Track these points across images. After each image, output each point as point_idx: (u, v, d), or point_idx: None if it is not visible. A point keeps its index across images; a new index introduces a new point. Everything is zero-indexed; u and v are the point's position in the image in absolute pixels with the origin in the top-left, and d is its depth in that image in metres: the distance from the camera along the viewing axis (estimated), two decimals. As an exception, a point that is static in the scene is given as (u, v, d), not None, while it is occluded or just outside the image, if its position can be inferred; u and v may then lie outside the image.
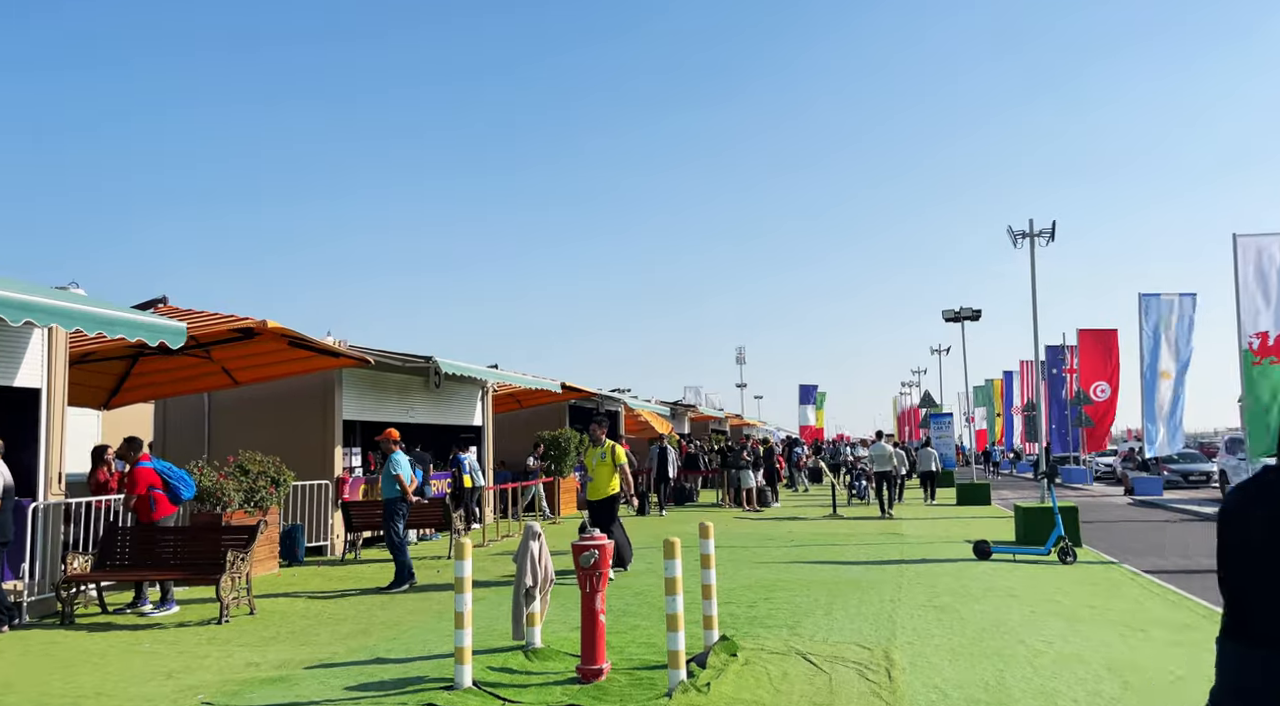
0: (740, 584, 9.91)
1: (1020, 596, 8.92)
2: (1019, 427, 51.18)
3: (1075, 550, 11.53)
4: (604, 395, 25.50)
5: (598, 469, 10.35)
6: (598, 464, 10.37)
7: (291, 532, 12.33)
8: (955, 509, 21.57)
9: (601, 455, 10.37)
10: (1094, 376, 34.01)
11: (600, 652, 5.93)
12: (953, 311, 24.42)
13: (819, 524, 17.71)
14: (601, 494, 10.35)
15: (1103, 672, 6.01)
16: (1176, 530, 16.86)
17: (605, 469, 10.33)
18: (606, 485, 10.35)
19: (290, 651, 7.04)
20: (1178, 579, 10.59)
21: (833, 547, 13.41)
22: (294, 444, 13.62)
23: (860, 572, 10.66)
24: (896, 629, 7.38)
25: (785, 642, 6.85)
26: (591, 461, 10.45)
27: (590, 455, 10.53)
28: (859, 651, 6.58)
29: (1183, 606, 8.50)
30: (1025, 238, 15.21)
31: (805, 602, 8.64)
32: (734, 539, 14.80)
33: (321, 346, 12.46)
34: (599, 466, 10.35)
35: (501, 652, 6.68)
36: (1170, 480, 29.11)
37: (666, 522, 18.55)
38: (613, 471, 10.34)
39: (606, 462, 10.33)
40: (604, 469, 10.33)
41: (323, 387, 13.89)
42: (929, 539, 14.57)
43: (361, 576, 11.15)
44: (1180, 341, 26.51)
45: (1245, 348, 19.62)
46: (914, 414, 62.92)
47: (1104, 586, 9.66)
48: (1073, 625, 7.54)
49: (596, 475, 10.37)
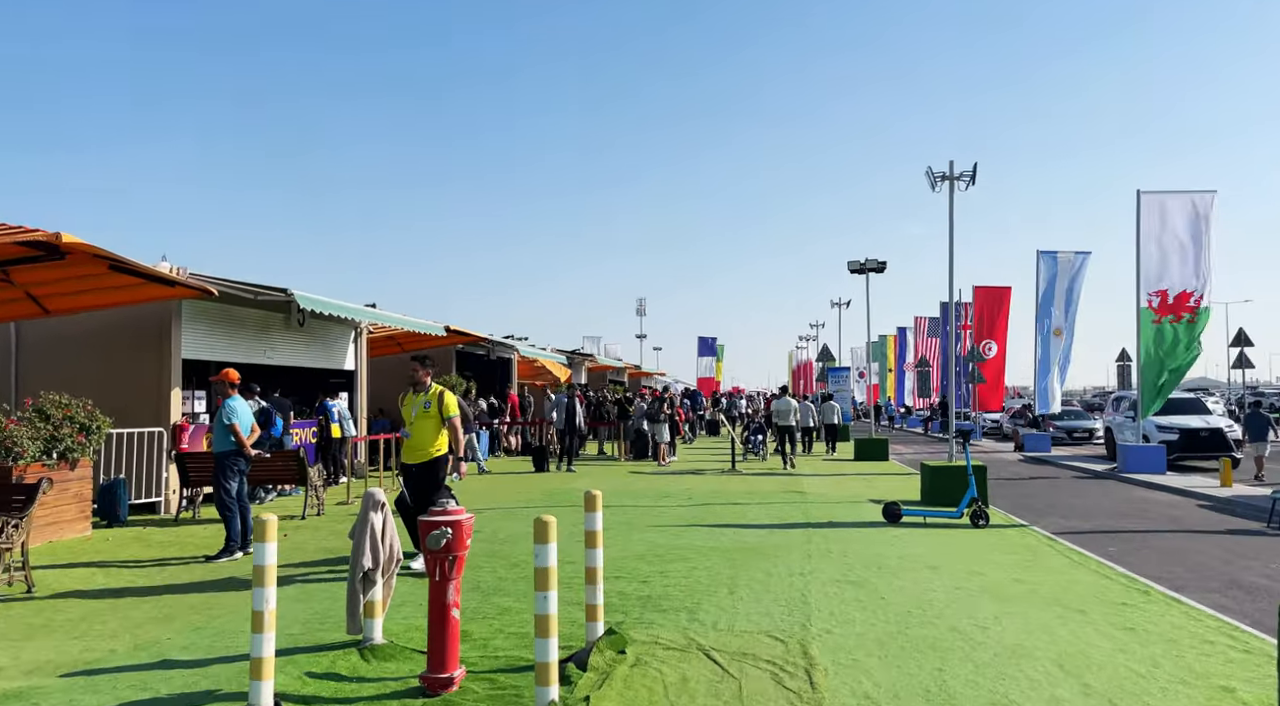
0: (633, 552, 8.76)
1: (940, 568, 8.06)
2: (911, 384, 52.10)
3: (987, 513, 10.86)
4: (495, 341, 23.96)
5: (418, 422, 7.67)
6: (419, 415, 7.68)
7: (112, 488, 10.52)
8: (854, 464, 21.11)
9: (425, 404, 7.68)
10: (986, 333, 34.38)
11: (451, 657, 4.63)
12: (858, 262, 23.79)
13: (718, 479, 16.82)
14: (423, 454, 7.70)
15: (1055, 671, 5.09)
16: (1070, 488, 16.69)
17: (429, 423, 7.69)
18: (430, 443, 7.70)
19: (55, 648, 5.48)
20: (1090, 542, 10.03)
21: (733, 507, 12.45)
22: (123, 385, 11.70)
23: (764, 538, 9.68)
24: (811, 613, 6.35)
25: (684, 634, 5.70)
26: (410, 412, 7.75)
27: (409, 403, 7.79)
28: (771, 645, 5.49)
29: (1110, 577, 7.79)
30: (944, 180, 14.39)
31: (706, 577, 7.54)
32: (628, 497, 13.70)
33: (149, 272, 10.53)
34: (420, 418, 7.68)
35: (331, 651, 5.31)
36: (1055, 437, 29.63)
37: (575, 479, 17.32)
38: (439, 426, 7.72)
39: (431, 414, 7.68)
40: (427, 422, 7.69)
41: (158, 322, 11.94)
42: (833, 498, 13.80)
43: (190, 541, 9.51)
44: (1073, 299, 26.71)
45: (1144, 305, 19.57)
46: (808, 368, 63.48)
47: (1023, 554, 8.94)
48: (1004, 605, 6.68)
49: (416, 430, 7.69)
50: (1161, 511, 13.33)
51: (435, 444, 7.70)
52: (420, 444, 7.68)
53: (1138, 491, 16.13)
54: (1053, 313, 26.92)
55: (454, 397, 7.75)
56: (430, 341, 19.47)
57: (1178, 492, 15.70)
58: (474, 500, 13.23)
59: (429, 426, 7.67)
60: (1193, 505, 14.11)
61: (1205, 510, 13.53)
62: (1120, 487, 16.81)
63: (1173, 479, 17.47)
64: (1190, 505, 14.11)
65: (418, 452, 7.69)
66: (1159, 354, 19.17)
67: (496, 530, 10.25)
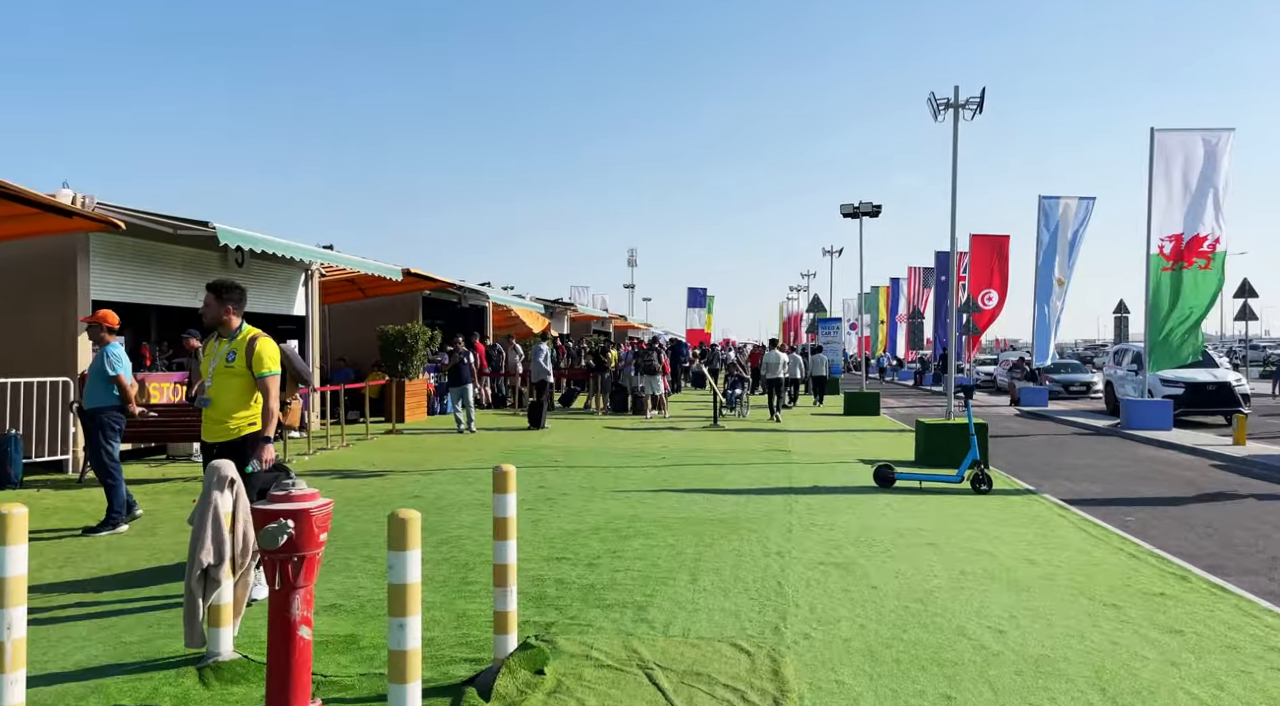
0: (587, 524, 7.61)
1: (941, 546, 6.93)
2: (903, 336, 51.01)
3: (990, 477, 9.75)
4: (466, 287, 22.61)
5: (218, 381, 5.11)
6: (219, 371, 5.11)
7: (3, 445, 9.29)
8: (843, 419, 20.03)
9: (228, 356, 5.09)
10: (983, 283, 33.12)
11: (298, 692, 3.45)
12: (851, 206, 22.43)
13: (697, 435, 15.69)
14: (225, 429, 5.11)
15: (1096, 699, 3.96)
16: (1073, 446, 15.64)
17: (234, 383, 5.09)
18: (235, 411, 5.10)
19: None
20: (1104, 511, 8.94)
21: (710, 467, 11.31)
22: (19, 331, 10.40)
23: (740, 506, 8.54)
24: (788, 609, 5.20)
25: (626, 643, 4.54)
26: (208, 366, 5.19)
27: (208, 354, 5.25)
28: (734, 659, 4.34)
29: (1137, 557, 6.68)
30: (948, 108, 13.01)
31: (665, 559, 6.39)
32: (595, 456, 12.55)
33: (41, 200, 9.17)
34: (221, 376, 5.10)
35: (162, 671, 4.13)
36: (1051, 391, 28.60)
37: (544, 435, 16.18)
38: (250, 388, 5.11)
39: (236, 369, 5.07)
40: (231, 383, 5.09)
41: (60, 259, 10.59)
42: (819, 457, 12.69)
43: (86, 508, 8.29)
44: (1075, 247, 25.45)
45: (1155, 252, 18.30)
46: (799, 319, 62.23)
47: (1033, 527, 7.82)
48: (1020, 597, 5.55)
49: (217, 392, 5.11)
50: (1174, 473, 12.27)
51: (243, 413, 5.12)
52: (221, 413, 5.10)
53: (1144, 450, 15.08)
54: (1055, 261, 25.68)
55: (273, 347, 5.17)
56: (392, 286, 18.12)
57: (1188, 451, 14.65)
58: (412, 459, 12.06)
59: (235, 388, 5.09)
60: (1206, 465, 13.06)
61: (1220, 470, 12.48)
62: (1125, 445, 15.77)
63: (1181, 436, 16.43)
64: (1204, 465, 13.06)
65: (217, 427, 5.12)
66: (1169, 303, 17.96)
67: (441, 495, 9.09)
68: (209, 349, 5.26)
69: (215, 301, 5.14)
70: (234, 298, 5.17)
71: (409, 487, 9.60)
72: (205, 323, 5.25)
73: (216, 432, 5.14)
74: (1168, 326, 17.99)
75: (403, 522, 2.89)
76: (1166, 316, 17.99)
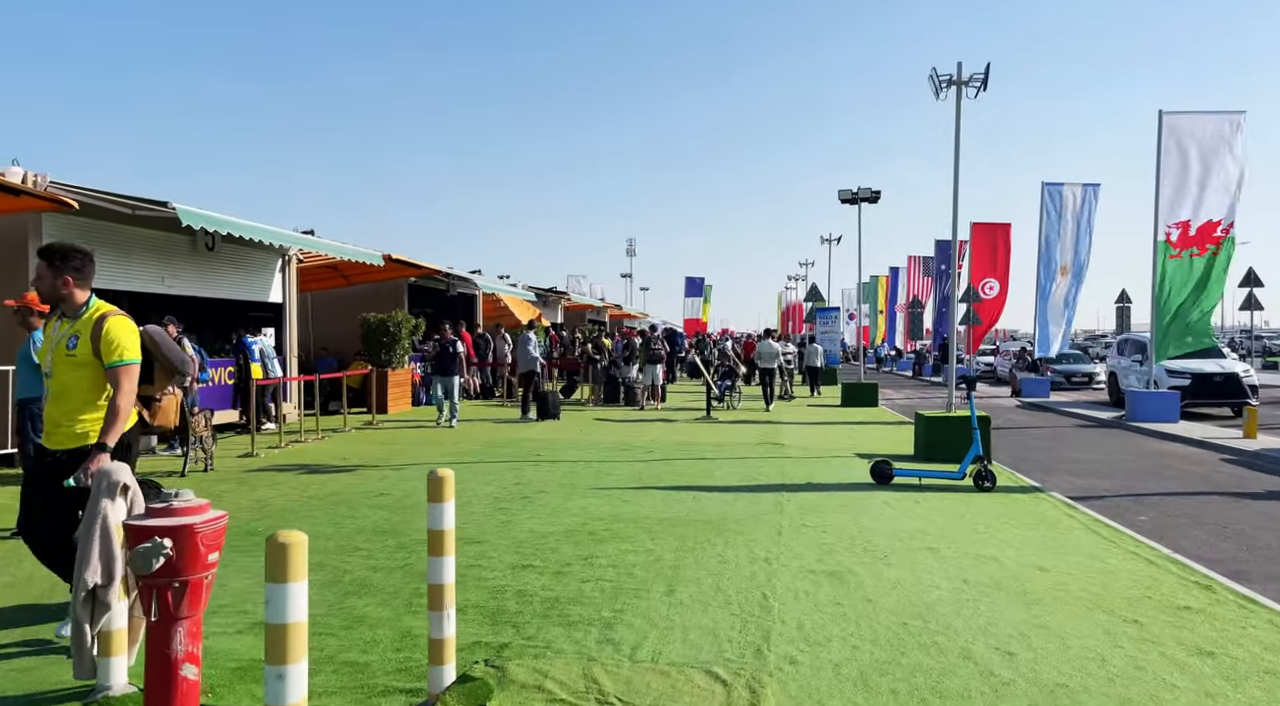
0: (561, 526, 7.06)
1: (942, 551, 6.39)
2: (901, 326, 50.42)
3: (994, 473, 9.21)
4: (453, 274, 22.03)
5: (58, 371, 4.08)
6: (58, 361, 4.08)
7: (-55, 442, 8.74)
8: (840, 410, 19.50)
9: (70, 341, 4.06)
10: (985, 272, 32.52)
11: (182, 741, 2.91)
12: (850, 191, 21.84)
13: (688, 427, 15.15)
14: (71, 435, 4.06)
15: (1124, 741, 3.42)
16: (1077, 438, 15.10)
17: (78, 374, 4.06)
18: (80, 410, 4.07)
19: None
20: (1115, 510, 8.40)
21: (698, 463, 10.77)
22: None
23: (727, 505, 7.99)
24: (773, 627, 4.66)
25: (585, 670, 3.99)
26: (46, 354, 4.18)
27: (47, 337, 4.24)
28: (708, 689, 3.80)
29: (1155, 563, 6.15)
30: (951, 86, 12.41)
31: (641, 567, 5.84)
32: (580, 449, 12.00)
33: (-18, 178, 8.60)
34: (61, 366, 4.07)
35: (57, 705, 3.59)
36: (1053, 382, 28.06)
37: (529, 427, 15.63)
38: (100, 380, 4.06)
39: (79, 357, 4.04)
40: (74, 374, 4.06)
41: (11, 241, 10.02)
42: (814, 451, 12.14)
43: (26, 508, 7.74)
44: (1082, 235, 24.84)
45: (1162, 239, 17.72)
46: (797, 309, 61.58)
47: (1041, 528, 7.29)
48: (1030, 611, 5.01)
49: (56, 386, 4.09)
50: (1184, 467, 11.74)
51: (94, 415, 4.06)
52: (64, 412, 4.06)
53: (1150, 443, 14.55)
54: (1059, 249, 25.07)
55: (127, 327, 4.12)
56: (377, 273, 17.54)
57: (1197, 444, 14.12)
58: (385, 453, 11.51)
59: (81, 381, 4.05)
60: (1216, 460, 12.53)
61: (1232, 465, 11.95)
62: (1131, 438, 15.24)
63: (1188, 428, 15.90)
64: (1214, 460, 12.53)
65: (60, 431, 4.07)
66: (1177, 291, 17.39)
67: (409, 494, 8.54)
68: (48, 332, 4.22)
69: (48, 270, 4.04)
70: (74, 264, 4.08)
71: (376, 485, 9.05)
72: (41, 298, 4.24)
73: (59, 438, 4.05)
74: (1175, 315, 17.44)
75: (283, 547, 2.33)
76: (1174, 305, 17.43)
